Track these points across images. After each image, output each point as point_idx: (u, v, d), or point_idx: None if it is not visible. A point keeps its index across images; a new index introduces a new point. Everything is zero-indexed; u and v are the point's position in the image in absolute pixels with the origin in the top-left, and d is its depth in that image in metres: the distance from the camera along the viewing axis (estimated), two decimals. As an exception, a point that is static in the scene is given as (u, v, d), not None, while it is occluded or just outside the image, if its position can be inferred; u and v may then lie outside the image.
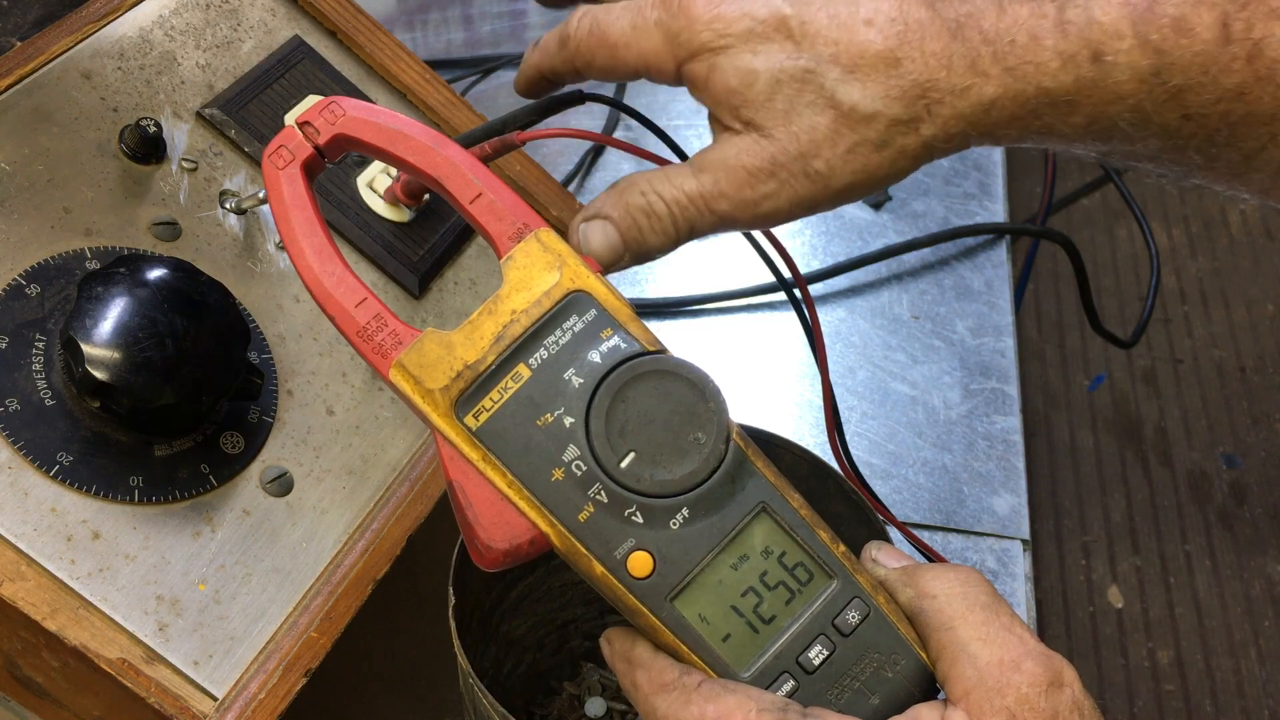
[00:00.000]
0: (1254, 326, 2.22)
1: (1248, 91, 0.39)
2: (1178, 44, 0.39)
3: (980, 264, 0.96)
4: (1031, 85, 0.41)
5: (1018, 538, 0.77)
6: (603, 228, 0.45)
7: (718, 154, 0.44)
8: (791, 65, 0.42)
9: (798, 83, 0.42)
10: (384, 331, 0.40)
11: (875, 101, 0.42)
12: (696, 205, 0.44)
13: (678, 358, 0.40)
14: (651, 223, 0.45)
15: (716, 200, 0.44)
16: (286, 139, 0.42)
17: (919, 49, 0.41)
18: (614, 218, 0.45)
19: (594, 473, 0.39)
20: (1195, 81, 0.40)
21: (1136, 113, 0.41)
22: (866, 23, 0.42)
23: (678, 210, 0.44)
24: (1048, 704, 0.37)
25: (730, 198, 0.44)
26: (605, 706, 0.63)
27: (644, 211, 0.44)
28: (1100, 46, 0.40)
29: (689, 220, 0.44)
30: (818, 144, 0.42)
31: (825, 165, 0.43)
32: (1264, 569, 1.87)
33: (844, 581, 0.40)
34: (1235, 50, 0.39)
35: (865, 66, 0.42)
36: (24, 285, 0.49)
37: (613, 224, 0.45)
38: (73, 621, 0.44)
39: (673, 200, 0.44)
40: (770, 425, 0.53)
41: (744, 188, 0.43)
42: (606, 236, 0.45)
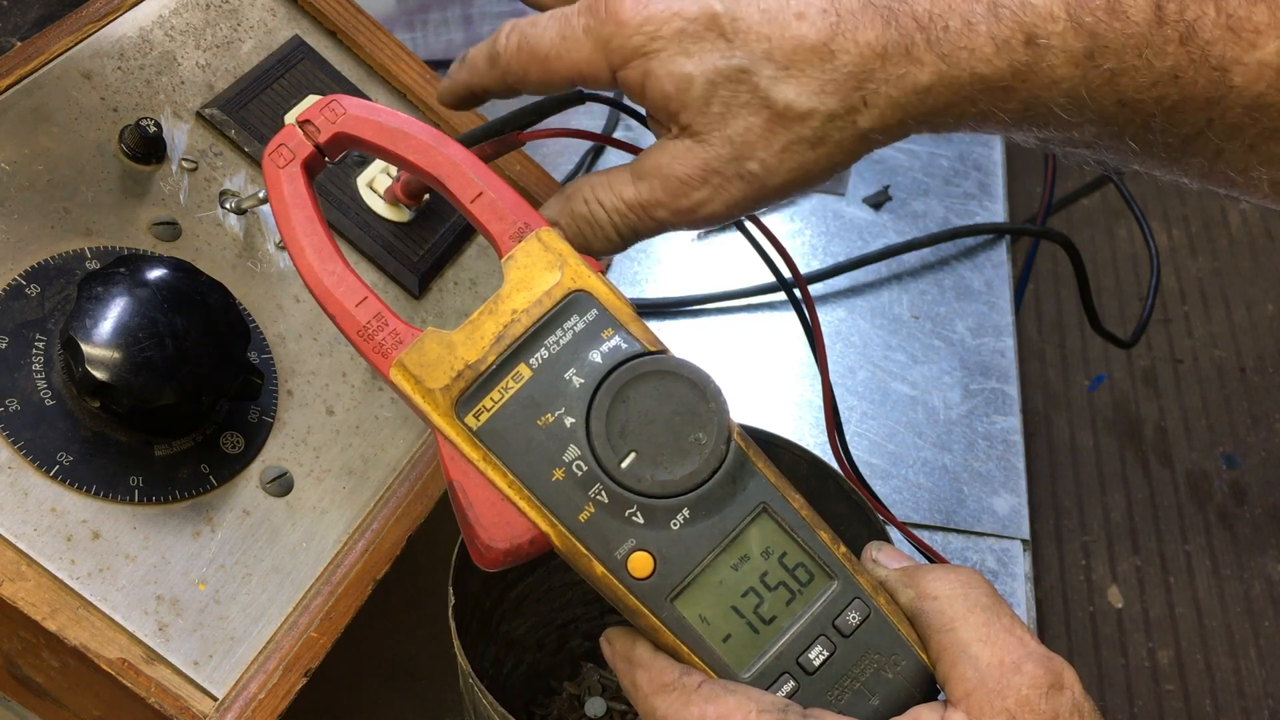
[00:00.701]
0: (1254, 326, 2.22)
1: (1182, 74, 0.39)
2: (1111, 26, 0.39)
3: (980, 264, 0.96)
4: (966, 71, 0.40)
5: (1018, 538, 0.77)
6: None
7: (654, 160, 0.44)
8: (725, 66, 0.42)
9: (732, 84, 0.42)
10: (385, 331, 0.40)
11: (809, 98, 0.41)
12: (636, 213, 0.44)
13: (679, 358, 0.40)
14: (594, 230, 0.45)
15: (654, 208, 0.44)
16: (287, 138, 0.42)
17: (852, 39, 0.41)
18: (561, 224, 0.46)
19: (594, 473, 0.39)
20: (1129, 65, 0.39)
21: (1071, 98, 0.40)
22: (798, 16, 0.41)
23: (618, 219, 0.45)
24: (1048, 706, 0.37)
25: (666, 206, 0.44)
26: (605, 706, 0.63)
27: (586, 220, 0.45)
28: (1034, 29, 0.39)
29: (630, 227, 0.45)
30: (752, 145, 0.42)
31: (760, 166, 0.43)
32: (1264, 569, 1.87)
33: (844, 582, 0.40)
34: (1168, 32, 0.39)
35: (799, 62, 0.41)
36: (24, 285, 0.49)
37: (560, 230, 0.45)
38: (73, 621, 0.44)
39: (613, 209, 0.45)
40: (770, 425, 0.53)
41: (679, 196, 0.43)
42: None
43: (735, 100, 0.42)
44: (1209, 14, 0.38)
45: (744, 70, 0.41)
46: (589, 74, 0.44)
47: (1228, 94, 0.39)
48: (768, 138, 0.42)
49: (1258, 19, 0.38)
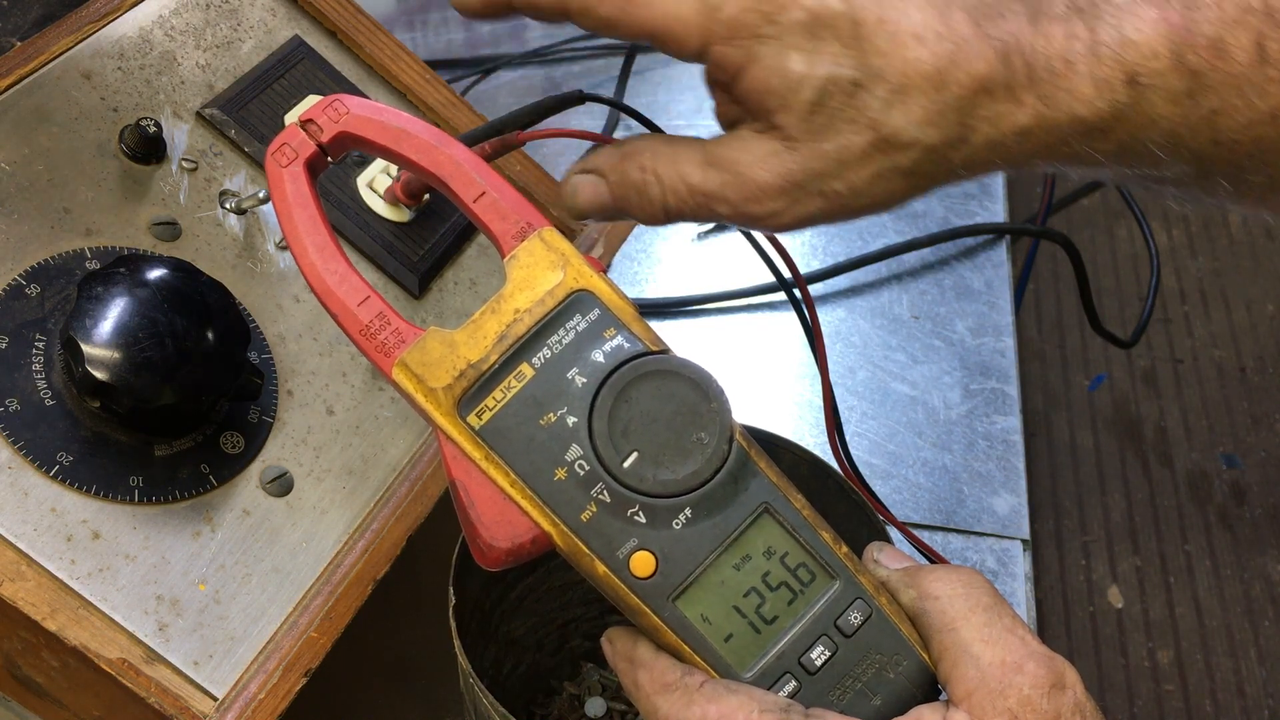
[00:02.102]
0: (1254, 326, 2.22)
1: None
2: (1214, 65, 0.37)
3: (980, 264, 0.96)
4: (1064, 113, 0.38)
5: (1018, 538, 0.77)
6: (596, 185, 0.43)
7: (732, 153, 0.41)
8: (840, 75, 0.38)
9: (843, 96, 0.39)
10: (387, 330, 0.40)
11: (916, 128, 0.39)
12: (695, 199, 0.42)
13: (681, 358, 0.40)
14: (641, 200, 0.42)
15: (718, 203, 0.41)
16: (289, 137, 0.42)
17: (965, 70, 0.38)
18: (609, 180, 0.43)
19: (597, 472, 0.39)
20: (1230, 104, 0.38)
21: (1170, 138, 0.39)
22: (916, 38, 0.38)
23: (673, 199, 0.42)
24: (1050, 705, 0.37)
25: (733, 204, 0.41)
26: (605, 706, 0.63)
27: (637, 188, 0.42)
28: (1136, 68, 0.38)
29: (680, 210, 0.42)
30: (845, 164, 0.40)
31: (846, 187, 0.40)
32: (1264, 569, 1.87)
33: (846, 582, 0.40)
34: (1271, 72, 0.37)
35: (911, 87, 0.38)
36: (24, 285, 0.49)
37: (606, 186, 0.43)
38: (73, 621, 0.44)
39: (671, 188, 0.42)
40: (770, 425, 0.53)
41: (751, 201, 0.41)
42: (597, 195, 0.43)
43: (841, 115, 0.39)
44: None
45: (858, 84, 0.38)
46: (674, 34, 0.40)
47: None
48: (864, 160, 0.39)
49: None
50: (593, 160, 0.43)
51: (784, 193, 0.40)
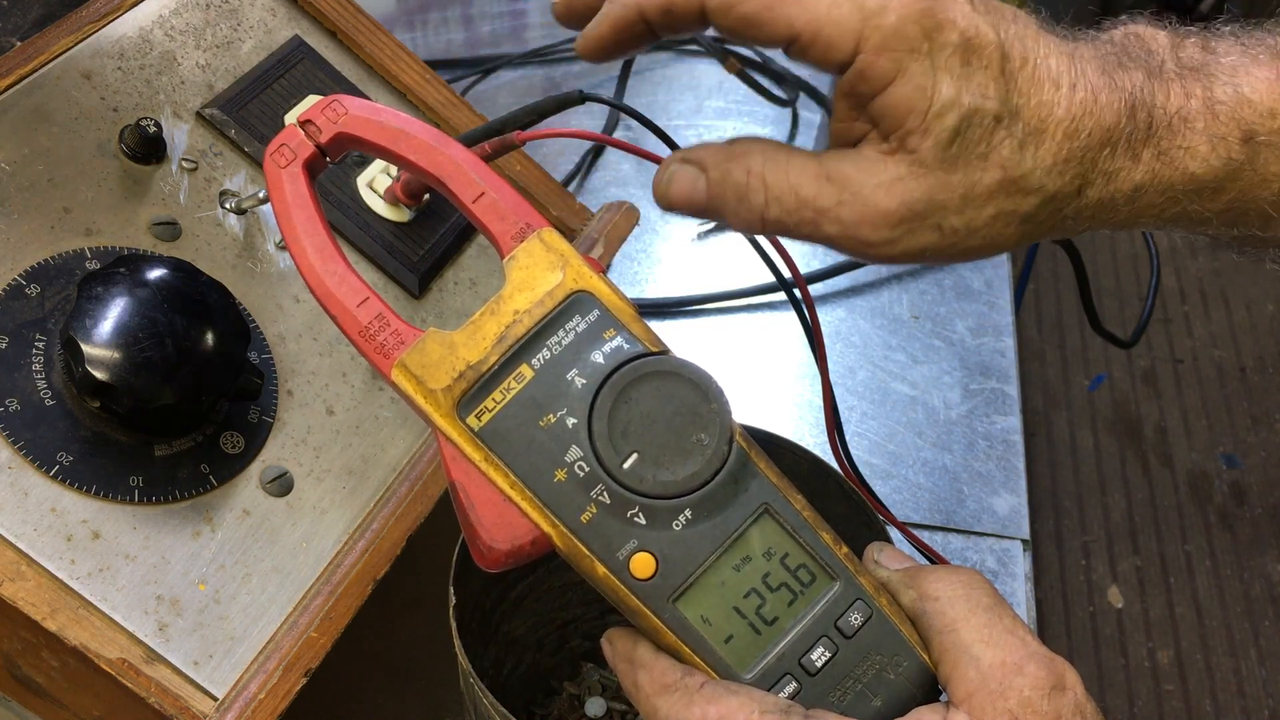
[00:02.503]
0: (1254, 326, 2.22)
1: None
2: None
3: (980, 264, 0.96)
4: (1179, 171, 0.38)
5: (1018, 538, 0.77)
6: (694, 179, 0.41)
7: (855, 172, 0.39)
8: (985, 108, 0.37)
9: (984, 129, 0.37)
10: (386, 331, 0.40)
11: (1042, 175, 0.38)
12: (802, 213, 0.39)
13: (680, 358, 0.40)
14: (740, 205, 0.40)
15: (828, 221, 0.39)
16: (288, 138, 0.42)
17: (1097, 120, 0.38)
18: (710, 176, 0.40)
19: (596, 474, 0.39)
20: None
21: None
22: (1054, 83, 0.38)
23: (776, 209, 0.39)
24: (1050, 707, 0.37)
25: (844, 226, 0.39)
26: (605, 706, 0.63)
27: (739, 191, 0.40)
28: (1252, 127, 0.37)
29: (782, 222, 0.40)
30: (969, 201, 0.38)
31: (964, 224, 0.39)
32: (1264, 569, 1.87)
33: (846, 583, 0.40)
34: None
35: (1046, 132, 0.38)
36: (24, 285, 0.49)
37: (706, 182, 0.41)
38: (73, 621, 0.44)
39: (776, 198, 0.39)
40: (770, 425, 0.53)
41: (864, 225, 0.39)
42: (693, 188, 0.41)
43: (977, 149, 0.38)
44: None
45: (999, 120, 0.37)
46: (825, 39, 0.37)
47: None
48: (987, 199, 0.38)
49: None
50: (696, 152, 0.41)
51: (902, 221, 0.38)
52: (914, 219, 0.38)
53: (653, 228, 0.97)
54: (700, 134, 1.01)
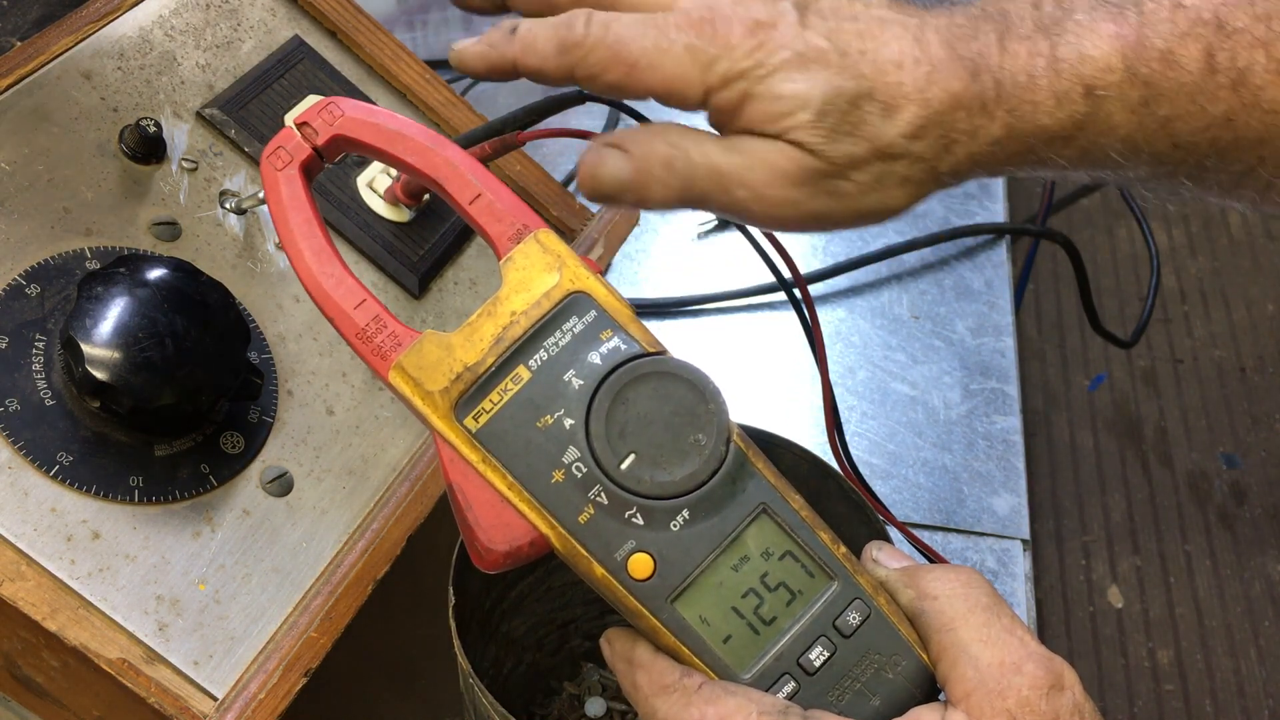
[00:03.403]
0: (1254, 326, 2.22)
1: (1235, 118, 0.40)
2: (1166, 75, 0.40)
3: (980, 264, 0.96)
4: (1029, 124, 0.42)
5: (1018, 538, 0.77)
6: (620, 159, 0.44)
7: (754, 146, 0.43)
8: (837, 90, 0.42)
9: (841, 110, 0.42)
10: (383, 333, 0.40)
11: (906, 141, 0.42)
12: (717, 180, 0.43)
13: (678, 359, 0.40)
14: (666, 176, 0.44)
15: (737, 186, 0.43)
16: (285, 140, 0.42)
17: (944, 88, 0.42)
18: (634, 154, 0.44)
19: (594, 474, 0.39)
20: (1184, 110, 0.41)
21: (1127, 143, 0.42)
22: (896, 64, 0.42)
23: (696, 175, 0.43)
24: (1048, 706, 0.37)
25: (752, 189, 0.43)
26: (605, 706, 0.63)
27: (664, 163, 0.43)
28: (1092, 81, 0.41)
29: (702, 191, 0.44)
30: (850, 168, 0.43)
31: (855, 188, 0.43)
32: (1264, 569, 1.87)
33: (845, 583, 0.40)
34: (1220, 79, 0.40)
35: (900, 105, 0.42)
36: (24, 285, 0.49)
37: (631, 160, 0.44)
38: (73, 621, 0.44)
39: (696, 164, 0.43)
40: (770, 425, 0.53)
41: (770, 186, 0.43)
42: (619, 169, 0.44)
43: (842, 126, 0.42)
44: (1259, 60, 0.40)
45: (855, 99, 0.42)
46: (678, 90, 0.43)
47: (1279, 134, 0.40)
48: (864, 167, 0.43)
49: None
50: (618, 134, 0.45)
51: (802, 183, 0.43)
52: (810, 182, 0.43)
53: (652, 228, 0.97)
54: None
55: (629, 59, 0.43)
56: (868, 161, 0.42)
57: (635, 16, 0.43)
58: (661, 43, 0.42)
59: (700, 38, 0.42)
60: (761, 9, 0.43)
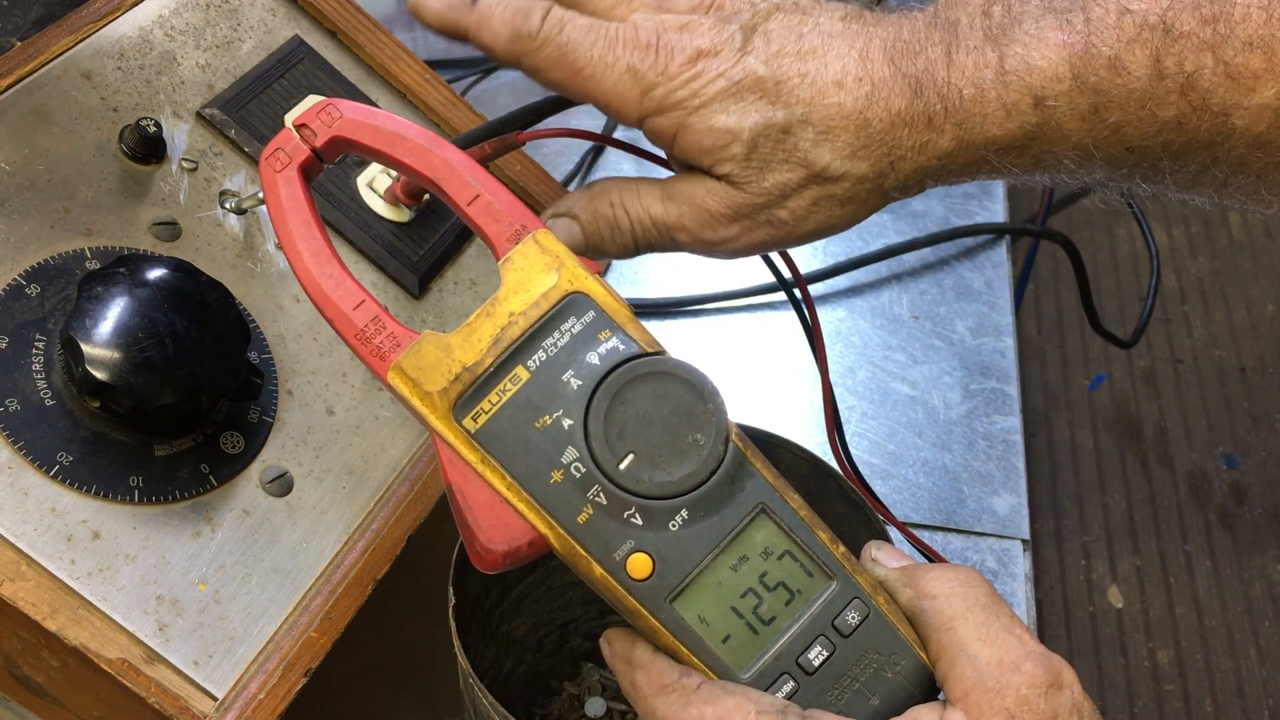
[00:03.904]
0: (1254, 326, 2.22)
1: (1184, 121, 0.40)
2: (1114, 83, 0.40)
3: (980, 264, 0.96)
4: (979, 135, 0.42)
5: (1018, 538, 0.77)
6: (568, 226, 0.47)
7: (687, 188, 0.45)
8: (768, 122, 0.43)
9: (773, 141, 0.43)
10: (382, 334, 0.40)
11: (844, 162, 0.43)
12: (658, 229, 0.46)
13: (676, 359, 0.40)
14: (614, 234, 0.46)
15: (677, 231, 0.45)
16: (283, 142, 0.42)
17: (885, 107, 0.42)
18: (581, 219, 0.47)
19: (593, 474, 0.39)
20: (1133, 117, 0.41)
21: (1080, 150, 0.42)
22: (836, 84, 0.42)
23: (639, 230, 0.46)
24: (1047, 705, 0.37)
25: (691, 232, 0.45)
26: (605, 706, 0.63)
27: (609, 223, 0.46)
28: (1041, 92, 0.41)
29: (649, 240, 0.46)
30: (785, 197, 0.44)
31: (790, 215, 0.44)
32: (1264, 569, 1.87)
33: (843, 582, 0.40)
34: (1169, 84, 0.40)
35: (836, 128, 0.43)
36: (24, 285, 0.49)
37: (579, 225, 0.47)
38: (73, 621, 0.44)
39: (636, 220, 0.46)
40: (770, 425, 0.53)
41: (705, 228, 0.45)
42: (571, 235, 0.47)
43: (774, 156, 0.43)
44: (1207, 64, 0.39)
45: (786, 129, 0.43)
46: (615, 108, 0.44)
47: (1230, 136, 0.40)
48: (801, 192, 0.44)
49: (1254, 66, 0.39)
50: (564, 203, 0.48)
51: (735, 220, 0.45)
52: (744, 217, 0.44)
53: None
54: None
55: (574, 64, 0.44)
56: (803, 186, 0.43)
57: (590, 22, 0.44)
58: (607, 57, 0.44)
59: (643, 61, 0.43)
60: (707, 35, 0.44)
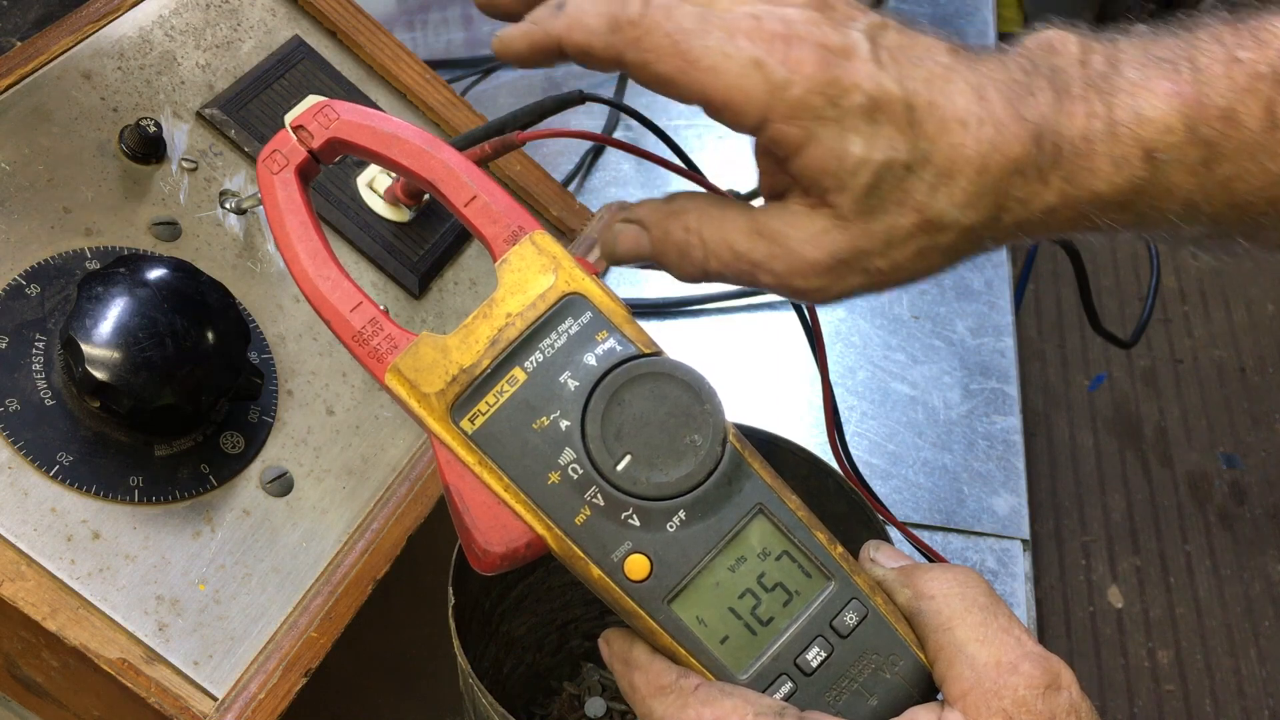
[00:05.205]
0: (1254, 326, 2.22)
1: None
2: (1226, 135, 0.38)
3: (980, 264, 0.96)
4: (1085, 190, 0.40)
5: (1018, 538, 0.77)
6: (637, 236, 0.44)
7: (782, 225, 0.41)
8: (895, 159, 0.39)
9: (895, 180, 0.39)
10: (379, 336, 0.40)
11: (958, 211, 0.40)
12: (739, 265, 0.42)
13: (673, 360, 0.40)
14: (682, 260, 0.43)
15: (762, 273, 0.42)
16: (280, 143, 0.42)
17: (1004, 154, 0.39)
18: (652, 234, 0.44)
19: (590, 476, 0.39)
20: (1244, 169, 0.39)
21: (1186, 205, 0.40)
22: (960, 122, 0.39)
23: (715, 263, 0.42)
24: (1045, 706, 0.37)
25: (778, 276, 0.41)
26: (605, 706, 0.64)
27: (680, 247, 0.43)
28: (1151, 144, 0.39)
29: (722, 273, 0.43)
30: (891, 244, 0.40)
31: (889, 264, 0.41)
32: (1264, 569, 1.87)
33: (842, 583, 0.40)
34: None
35: (956, 172, 0.39)
36: (24, 285, 0.49)
37: (649, 239, 0.44)
38: (73, 621, 0.44)
39: (714, 253, 0.42)
40: (770, 425, 0.53)
41: (796, 275, 0.41)
42: (637, 246, 0.44)
43: (893, 197, 0.40)
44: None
45: (910, 168, 0.39)
46: (736, 105, 0.39)
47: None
48: (908, 240, 0.40)
49: None
50: (637, 211, 0.44)
51: (830, 270, 0.41)
52: (841, 266, 0.41)
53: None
54: (700, 134, 1.01)
55: (688, 53, 0.39)
56: (911, 235, 0.40)
57: (697, 9, 0.39)
58: (727, 47, 0.39)
59: (772, 54, 0.39)
60: (833, 33, 0.39)
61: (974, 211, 0.40)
